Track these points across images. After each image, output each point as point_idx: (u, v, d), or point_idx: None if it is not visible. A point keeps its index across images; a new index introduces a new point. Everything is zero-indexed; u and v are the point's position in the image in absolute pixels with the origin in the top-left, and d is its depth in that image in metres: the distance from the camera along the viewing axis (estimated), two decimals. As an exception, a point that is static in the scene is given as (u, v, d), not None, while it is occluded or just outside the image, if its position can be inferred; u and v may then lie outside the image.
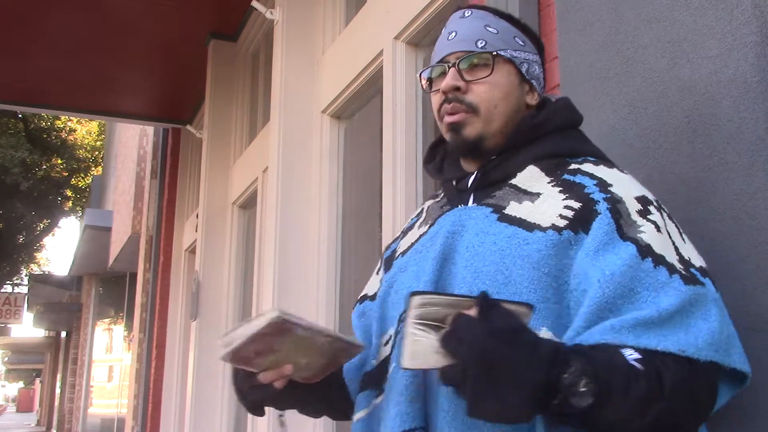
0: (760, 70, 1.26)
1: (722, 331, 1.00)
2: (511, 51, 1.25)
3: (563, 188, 1.13)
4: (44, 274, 20.79)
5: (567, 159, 1.20)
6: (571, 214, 1.09)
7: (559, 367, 0.91)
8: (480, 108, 1.21)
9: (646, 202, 1.11)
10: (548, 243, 1.06)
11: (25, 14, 4.79)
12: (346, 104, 3.47)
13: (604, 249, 1.03)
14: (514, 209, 1.13)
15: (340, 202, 3.52)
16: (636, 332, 0.96)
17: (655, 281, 1.00)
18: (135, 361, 7.24)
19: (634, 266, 1.01)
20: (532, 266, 1.06)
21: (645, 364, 0.95)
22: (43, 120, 16.69)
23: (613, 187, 1.11)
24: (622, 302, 0.99)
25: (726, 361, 0.99)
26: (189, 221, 6.63)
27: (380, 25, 3.02)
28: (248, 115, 5.33)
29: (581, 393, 0.91)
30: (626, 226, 1.06)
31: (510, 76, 1.24)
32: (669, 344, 0.96)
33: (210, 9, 5.01)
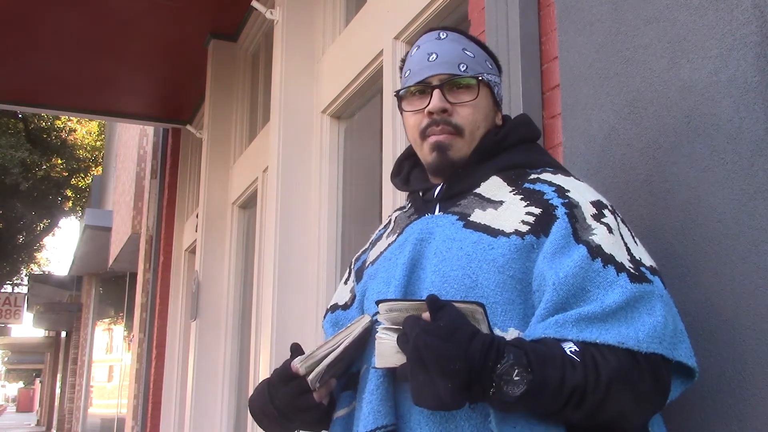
0: (760, 70, 1.26)
1: (667, 325, 1.04)
2: (487, 75, 1.32)
3: (524, 196, 1.20)
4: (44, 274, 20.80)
5: (527, 170, 1.27)
6: (533, 219, 1.15)
7: (492, 358, 0.98)
8: (465, 130, 1.27)
9: (600, 206, 1.17)
10: (512, 247, 1.13)
11: (26, 14, 4.79)
12: (346, 104, 3.47)
13: (560, 252, 1.10)
14: (479, 216, 1.20)
15: (340, 202, 3.52)
16: (579, 326, 1.03)
17: (603, 280, 1.06)
18: (135, 361, 7.24)
19: (585, 267, 1.07)
20: (497, 270, 1.12)
21: (582, 355, 1.01)
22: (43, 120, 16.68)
23: (570, 192, 1.18)
24: (574, 301, 1.06)
25: (671, 354, 1.03)
26: (189, 221, 6.63)
27: (380, 25, 3.02)
28: (248, 115, 5.33)
29: (515, 382, 0.97)
30: (581, 229, 1.12)
31: (488, 99, 1.32)
32: (608, 337, 1.01)
33: (210, 9, 5.01)
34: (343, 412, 1.23)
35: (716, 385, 1.26)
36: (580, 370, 1.00)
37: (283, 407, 1.20)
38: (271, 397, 1.21)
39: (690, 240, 1.35)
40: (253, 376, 4.21)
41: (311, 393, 1.18)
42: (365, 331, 1.18)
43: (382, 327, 1.07)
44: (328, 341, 1.19)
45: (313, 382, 1.16)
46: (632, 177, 1.51)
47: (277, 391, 1.21)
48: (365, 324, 1.18)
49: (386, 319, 1.07)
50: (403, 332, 1.04)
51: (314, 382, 1.16)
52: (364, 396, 1.15)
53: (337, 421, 1.24)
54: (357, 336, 1.17)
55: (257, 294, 4.37)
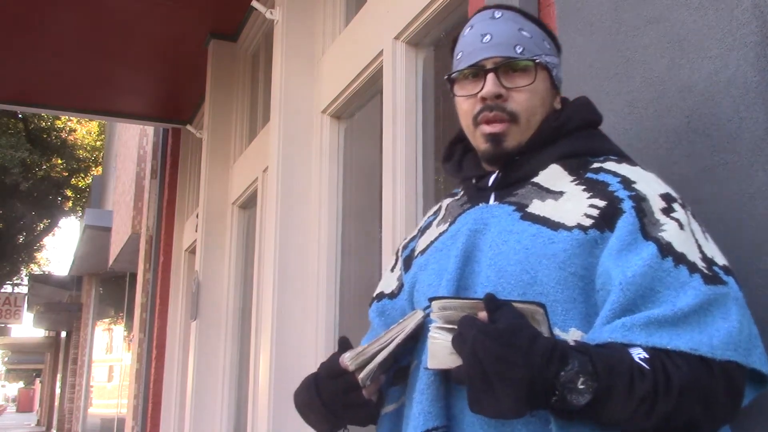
0: (760, 70, 1.26)
1: (742, 330, 0.98)
2: (545, 56, 1.23)
3: (587, 187, 1.12)
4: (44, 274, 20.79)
5: (589, 158, 1.19)
6: (597, 212, 1.08)
7: (555, 365, 0.92)
8: (521, 117, 1.19)
9: (670, 199, 1.09)
10: (574, 242, 1.06)
11: (25, 15, 4.79)
12: (346, 104, 3.47)
13: (627, 249, 1.03)
14: (538, 208, 1.12)
15: (340, 201, 3.52)
16: (648, 330, 0.96)
17: (675, 280, 1.00)
18: (135, 361, 7.24)
19: (655, 266, 1.00)
20: (558, 266, 1.05)
21: (652, 362, 0.94)
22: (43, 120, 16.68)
23: (637, 184, 1.10)
24: (642, 302, 0.99)
25: (746, 360, 0.97)
26: (189, 221, 6.63)
27: (380, 25, 3.02)
28: (248, 115, 5.33)
29: (579, 390, 0.91)
30: (650, 224, 1.05)
31: (545, 83, 1.23)
32: (680, 343, 0.95)
33: (210, 9, 5.01)
34: (392, 408, 1.20)
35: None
36: (650, 378, 0.93)
37: (331, 403, 1.15)
38: (318, 391, 1.16)
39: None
40: (253, 376, 4.21)
41: (360, 390, 1.13)
42: (417, 326, 1.13)
43: (435, 326, 1.01)
44: (379, 337, 1.13)
45: (364, 380, 1.12)
46: (632, 177, 1.51)
47: (325, 386, 1.15)
48: (418, 320, 1.12)
49: (439, 318, 1.01)
50: (458, 333, 0.97)
51: (365, 380, 1.12)
52: (414, 395, 1.11)
53: (385, 417, 1.20)
54: (409, 332, 1.12)
55: (257, 294, 4.37)
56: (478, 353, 0.92)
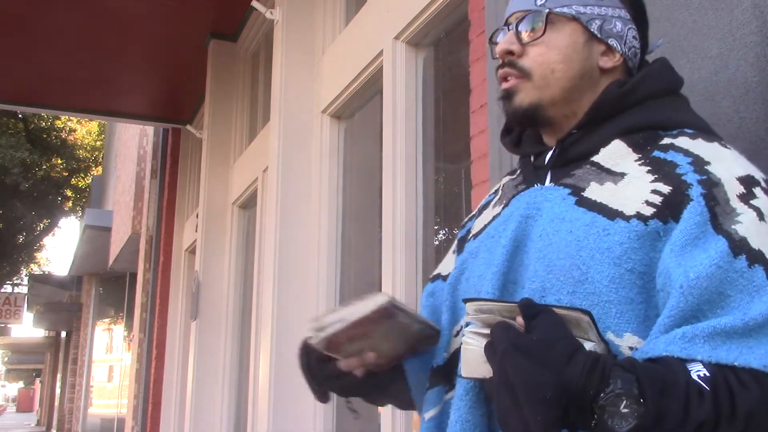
0: (760, 70, 1.25)
1: None
2: (578, 6, 1.08)
3: (652, 168, 0.97)
4: (44, 274, 20.78)
5: (660, 132, 1.03)
6: (660, 200, 0.93)
7: (594, 385, 0.80)
8: (533, 73, 1.07)
9: (750, 182, 0.92)
10: (632, 234, 0.92)
11: (25, 14, 4.79)
12: (346, 104, 3.47)
13: (692, 244, 0.88)
14: (595, 192, 0.99)
15: (340, 201, 3.52)
16: (712, 343, 0.82)
17: (749, 283, 0.85)
18: (135, 361, 7.24)
19: (724, 266, 0.85)
20: (612, 262, 0.92)
21: (713, 382, 0.80)
22: (43, 120, 16.68)
23: (711, 165, 0.94)
24: (708, 308, 0.85)
25: None
26: (189, 221, 6.63)
27: (380, 25, 3.02)
28: (248, 115, 5.33)
29: (622, 414, 0.79)
30: (722, 215, 0.89)
31: (573, 36, 1.08)
32: (752, 359, 0.81)
33: (210, 9, 5.01)
34: (434, 413, 1.10)
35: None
36: (709, 401, 0.79)
37: (312, 370, 1.12)
38: (304, 356, 1.13)
39: None
40: (253, 376, 4.21)
41: (336, 360, 1.07)
42: (384, 312, 1.02)
43: (470, 330, 0.92)
44: (342, 309, 1.05)
45: (316, 346, 1.06)
46: (632, 177, 1.51)
47: (307, 354, 1.12)
48: (379, 304, 1.01)
49: (476, 321, 0.91)
50: (490, 342, 0.87)
51: (318, 346, 1.06)
52: (453, 401, 1.03)
53: (428, 422, 1.11)
54: (370, 316, 1.01)
55: (257, 294, 4.37)
56: (507, 369, 0.83)
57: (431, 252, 2.75)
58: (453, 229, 3.10)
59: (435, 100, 2.84)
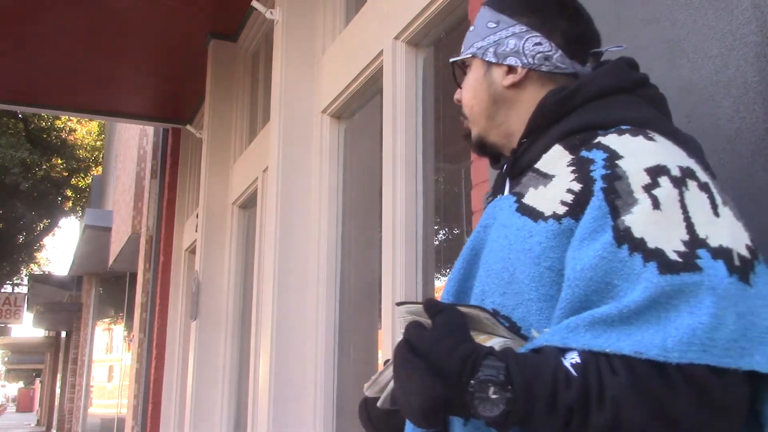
0: (760, 70, 1.26)
1: (719, 326, 0.81)
2: (478, 43, 1.22)
3: (575, 167, 0.99)
4: (44, 274, 20.79)
5: (599, 132, 1.03)
6: (571, 198, 0.96)
7: (467, 374, 0.85)
8: (467, 114, 1.25)
9: (658, 172, 0.92)
10: (549, 234, 0.96)
11: (25, 14, 4.79)
12: (346, 104, 3.47)
13: (589, 238, 0.91)
14: (531, 197, 1.02)
15: (340, 201, 3.52)
16: (594, 331, 0.85)
17: (630, 272, 0.86)
18: (135, 361, 7.24)
19: (608, 257, 0.88)
20: (532, 261, 0.96)
21: (584, 369, 0.84)
22: (43, 120, 16.69)
23: (622, 159, 0.95)
24: (598, 298, 0.88)
25: (727, 362, 0.80)
26: (189, 221, 6.63)
27: (380, 25, 3.02)
28: (248, 115, 5.34)
29: (491, 400, 0.83)
30: (623, 207, 0.90)
31: (477, 71, 1.22)
32: (624, 345, 0.82)
33: (210, 9, 5.01)
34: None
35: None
36: (577, 387, 0.82)
37: (379, 426, 1.16)
38: (368, 415, 1.17)
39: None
40: (253, 376, 4.21)
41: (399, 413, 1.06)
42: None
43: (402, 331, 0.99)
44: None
45: (382, 405, 1.05)
46: (632, 177, 1.51)
47: (371, 410, 1.15)
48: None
49: (405, 323, 0.97)
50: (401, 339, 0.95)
51: (383, 406, 1.06)
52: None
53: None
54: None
55: (257, 294, 4.37)
56: (396, 364, 0.91)
57: (431, 252, 2.75)
58: (453, 229, 3.10)
59: (435, 100, 2.84)
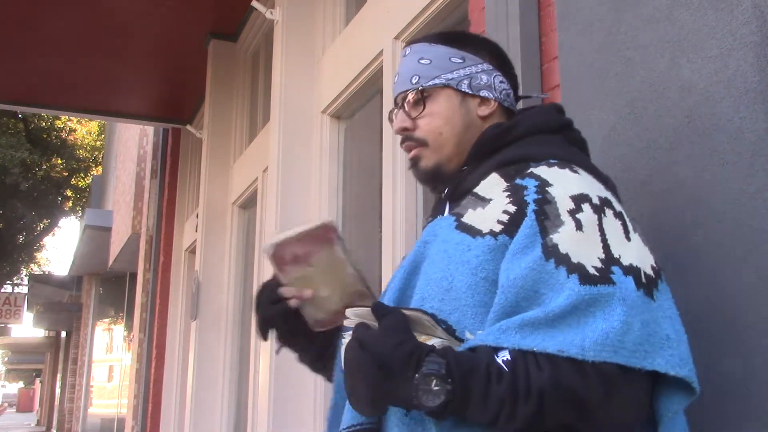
0: (760, 70, 1.26)
1: (628, 331, 0.95)
2: (446, 74, 1.28)
3: (510, 192, 1.14)
4: (44, 274, 20.80)
5: (531, 163, 1.18)
6: (506, 218, 1.10)
7: (411, 368, 0.96)
8: (428, 140, 1.28)
9: (582, 200, 1.08)
10: (485, 248, 1.09)
11: (26, 14, 4.79)
12: (346, 104, 3.47)
13: (521, 252, 1.05)
14: (469, 217, 1.16)
15: (340, 202, 3.52)
16: (522, 333, 0.97)
17: (555, 282, 1.00)
18: (135, 361, 7.24)
19: (537, 268, 1.02)
20: (470, 271, 1.09)
21: (514, 365, 0.96)
22: (43, 120, 16.69)
23: (551, 187, 1.10)
24: (526, 305, 1.01)
25: (633, 362, 0.95)
26: (189, 221, 6.63)
27: (380, 25, 3.02)
28: (248, 115, 5.34)
29: (433, 392, 0.95)
30: (551, 227, 1.05)
31: (449, 100, 1.29)
32: (549, 345, 0.96)
33: (210, 9, 5.02)
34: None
35: (717, 386, 1.26)
36: (507, 381, 0.95)
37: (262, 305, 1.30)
38: (259, 294, 1.32)
39: (690, 240, 1.35)
40: (253, 376, 4.21)
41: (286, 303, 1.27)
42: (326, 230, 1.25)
43: (348, 333, 1.08)
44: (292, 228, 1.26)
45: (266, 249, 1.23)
46: (632, 177, 1.51)
47: (262, 291, 1.31)
48: (323, 221, 1.26)
49: (353, 325, 1.07)
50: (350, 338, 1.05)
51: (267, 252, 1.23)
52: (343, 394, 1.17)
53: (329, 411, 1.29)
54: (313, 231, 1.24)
55: (257, 294, 4.36)
56: (346, 359, 1.02)
57: (431, 252, 2.75)
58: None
59: (435, 100, 2.84)
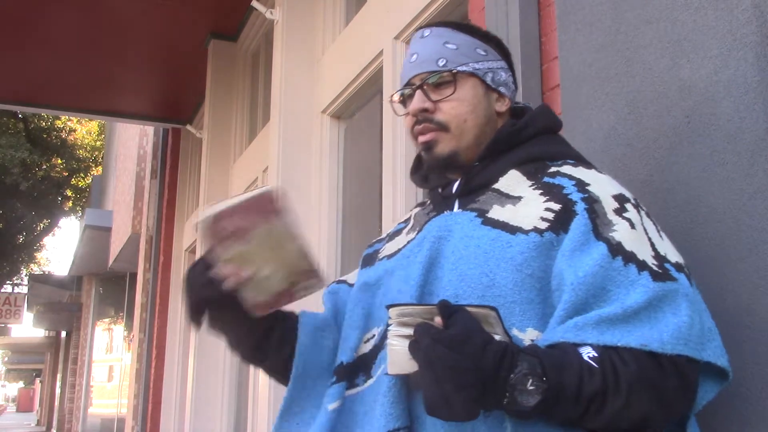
0: (760, 70, 1.26)
1: (693, 325, 1.01)
2: (473, 64, 1.28)
3: (543, 191, 1.16)
4: (44, 274, 20.80)
5: (547, 162, 1.23)
6: (552, 215, 1.12)
7: (506, 368, 0.95)
8: (450, 125, 1.26)
9: (622, 200, 1.13)
10: (530, 245, 1.10)
11: (25, 14, 4.79)
12: (346, 104, 3.47)
13: (579, 250, 1.07)
14: (497, 213, 1.17)
15: (340, 202, 3.52)
16: (599, 329, 1.00)
17: (625, 279, 1.03)
18: (135, 361, 7.24)
19: (605, 266, 1.04)
20: (515, 268, 1.09)
21: (601, 361, 0.98)
22: (43, 120, 16.69)
23: (590, 186, 1.14)
24: (594, 302, 1.03)
25: (698, 354, 1.00)
26: (189, 221, 6.63)
27: (380, 25, 3.02)
28: (248, 115, 5.33)
29: (529, 391, 0.95)
30: (602, 225, 1.09)
31: (475, 89, 1.28)
32: (631, 339, 0.98)
33: (210, 9, 5.01)
34: (336, 405, 1.22)
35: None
36: (598, 376, 0.97)
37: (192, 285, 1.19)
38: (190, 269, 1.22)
39: (690, 240, 1.35)
40: (253, 376, 4.21)
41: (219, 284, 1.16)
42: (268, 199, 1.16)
43: (394, 333, 1.04)
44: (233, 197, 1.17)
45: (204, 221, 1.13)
46: (632, 177, 1.51)
47: (194, 267, 1.21)
48: (265, 189, 1.17)
49: (398, 324, 1.04)
50: (414, 340, 1.00)
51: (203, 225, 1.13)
52: (378, 398, 1.13)
53: (332, 412, 1.21)
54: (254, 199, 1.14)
55: (257, 294, 4.36)
56: (432, 360, 0.96)
57: (431, 252, 2.75)
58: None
59: (435, 100, 2.84)
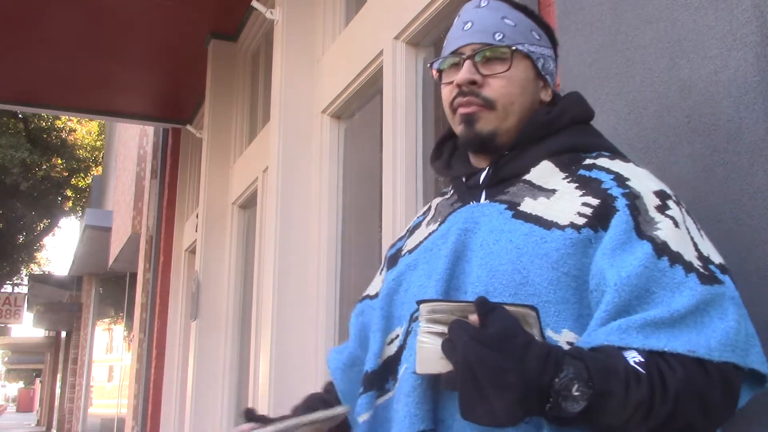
0: (760, 70, 1.26)
1: (739, 330, 0.95)
2: (529, 45, 1.21)
3: (579, 184, 1.10)
4: (44, 274, 20.79)
5: (581, 154, 1.16)
6: (590, 211, 1.05)
7: (550, 372, 0.89)
8: (497, 103, 1.18)
9: (664, 196, 1.07)
10: (567, 242, 1.03)
11: (25, 14, 4.79)
12: (346, 104, 3.47)
13: (621, 248, 1.00)
14: (530, 206, 1.10)
15: (340, 201, 3.52)
16: (644, 333, 0.94)
17: (671, 281, 0.97)
18: (135, 361, 7.24)
19: (650, 266, 0.98)
20: (550, 266, 1.02)
21: (648, 366, 0.92)
22: (43, 120, 16.69)
23: (630, 181, 1.08)
24: (637, 303, 0.97)
25: (744, 361, 0.95)
26: (189, 221, 6.63)
27: (380, 25, 3.02)
28: (248, 115, 5.33)
29: (574, 397, 0.89)
30: (644, 223, 1.02)
31: (527, 72, 1.21)
32: (677, 345, 0.93)
33: (210, 9, 5.01)
34: (367, 416, 1.16)
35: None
36: (645, 383, 0.91)
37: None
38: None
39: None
40: (253, 376, 4.21)
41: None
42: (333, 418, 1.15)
43: (425, 330, 0.97)
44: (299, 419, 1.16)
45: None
46: (632, 177, 1.51)
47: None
48: (336, 413, 1.14)
49: (428, 321, 0.97)
50: (448, 338, 0.94)
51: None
52: (400, 398, 1.07)
53: (363, 424, 1.16)
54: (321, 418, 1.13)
55: (257, 294, 4.37)
56: (470, 360, 0.89)
57: (431, 252, 2.75)
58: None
59: (435, 100, 2.84)
